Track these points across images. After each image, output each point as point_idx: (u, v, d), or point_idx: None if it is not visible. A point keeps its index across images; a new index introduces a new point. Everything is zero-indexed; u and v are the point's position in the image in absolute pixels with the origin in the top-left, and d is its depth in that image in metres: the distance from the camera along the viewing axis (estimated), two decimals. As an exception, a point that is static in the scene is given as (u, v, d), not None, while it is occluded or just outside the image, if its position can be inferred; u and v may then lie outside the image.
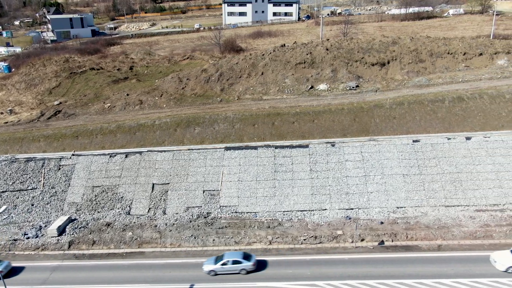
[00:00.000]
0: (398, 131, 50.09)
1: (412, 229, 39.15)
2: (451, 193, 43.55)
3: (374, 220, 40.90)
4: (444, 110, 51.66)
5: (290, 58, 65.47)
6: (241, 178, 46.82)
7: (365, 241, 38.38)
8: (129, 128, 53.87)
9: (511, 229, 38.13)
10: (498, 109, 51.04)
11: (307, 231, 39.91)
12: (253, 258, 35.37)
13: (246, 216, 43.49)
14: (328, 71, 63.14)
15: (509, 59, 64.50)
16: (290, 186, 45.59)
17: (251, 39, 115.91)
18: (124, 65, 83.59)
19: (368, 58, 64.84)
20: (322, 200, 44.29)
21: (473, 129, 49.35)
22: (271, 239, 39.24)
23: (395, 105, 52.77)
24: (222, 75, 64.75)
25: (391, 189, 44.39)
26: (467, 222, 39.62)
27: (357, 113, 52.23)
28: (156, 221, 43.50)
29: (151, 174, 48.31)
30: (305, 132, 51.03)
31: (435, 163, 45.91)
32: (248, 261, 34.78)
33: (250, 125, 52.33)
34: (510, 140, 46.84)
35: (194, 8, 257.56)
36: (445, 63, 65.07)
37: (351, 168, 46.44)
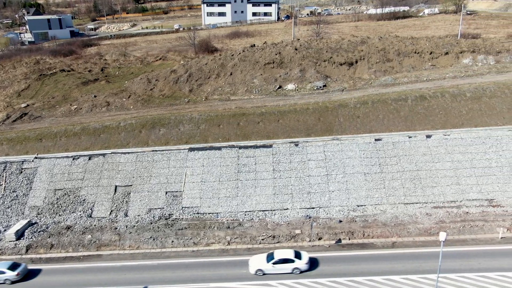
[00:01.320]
0: (362, 130, 50.56)
1: (369, 227, 39.55)
2: (410, 190, 44.11)
3: (333, 219, 41.23)
4: (407, 108, 52.30)
5: (259, 58, 65.61)
6: (204, 178, 46.78)
7: (323, 239, 38.67)
8: (94, 130, 53.41)
9: (464, 225, 38.76)
10: (459, 107, 51.84)
11: (266, 231, 40.06)
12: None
13: (208, 217, 43.48)
14: (296, 71, 63.44)
15: (474, 58, 65.59)
16: (253, 186, 45.69)
17: (228, 39, 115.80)
18: (96, 67, 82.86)
19: (336, 58, 65.32)
20: (284, 199, 44.48)
21: (434, 127, 50.05)
22: (230, 240, 39.29)
23: (359, 104, 53.26)
24: (191, 76, 64.62)
25: (352, 188, 44.79)
26: (423, 219, 40.18)
27: (321, 113, 52.58)
28: (117, 223, 43.23)
29: (114, 176, 47.98)
30: (270, 132, 51.19)
31: (395, 161, 46.46)
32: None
33: (215, 126, 52.31)
34: (468, 138, 47.60)
35: (176, 9, 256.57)
36: (412, 62, 65.90)
37: (313, 167, 46.73)
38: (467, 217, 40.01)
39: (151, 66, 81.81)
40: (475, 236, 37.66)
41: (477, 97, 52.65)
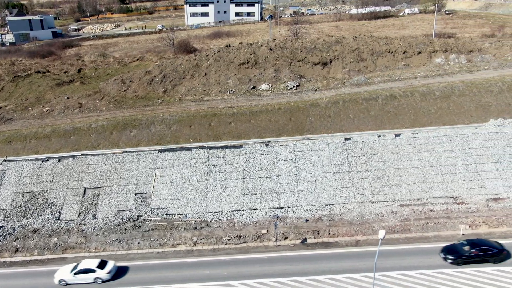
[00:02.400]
0: (332, 130, 50.93)
1: (335, 226, 39.85)
2: (378, 189, 44.51)
3: (300, 218, 41.46)
4: (377, 108, 52.80)
5: (233, 58, 65.65)
6: (173, 180, 46.68)
7: (289, 239, 38.86)
8: (64, 132, 52.96)
9: (428, 222, 39.26)
10: (428, 106, 52.48)
11: (233, 231, 40.12)
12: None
13: (177, 218, 43.38)
14: (271, 71, 63.62)
15: (446, 57, 66.45)
16: (222, 187, 45.71)
17: (209, 40, 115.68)
18: (72, 68, 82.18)
19: (311, 58, 65.65)
20: (253, 199, 44.57)
21: (403, 126, 50.62)
22: (196, 241, 39.28)
23: (331, 104, 53.60)
24: (166, 77, 64.41)
25: (321, 187, 45.05)
26: (388, 217, 40.60)
27: (293, 113, 52.81)
28: (85, 225, 42.92)
29: (83, 178, 47.61)
30: (241, 132, 51.28)
31: (364, 160, 46.84)
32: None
33: (187, 127, 52.24)
34: (436, 136, 48.19)
35: (161, 9, 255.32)
36: (386, 62, 66.52)
37: (283, 167, 46.90)
38: (431, 215, 40.54)
39: (128, 67, 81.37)
40: (438, 233, 38.16)
41: (446, 96, 53.36)
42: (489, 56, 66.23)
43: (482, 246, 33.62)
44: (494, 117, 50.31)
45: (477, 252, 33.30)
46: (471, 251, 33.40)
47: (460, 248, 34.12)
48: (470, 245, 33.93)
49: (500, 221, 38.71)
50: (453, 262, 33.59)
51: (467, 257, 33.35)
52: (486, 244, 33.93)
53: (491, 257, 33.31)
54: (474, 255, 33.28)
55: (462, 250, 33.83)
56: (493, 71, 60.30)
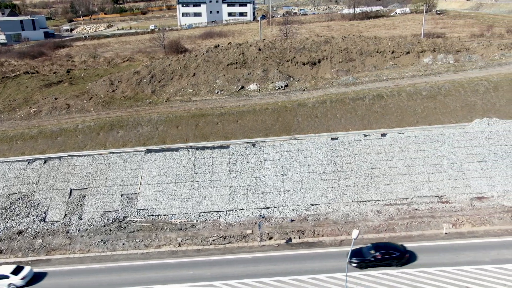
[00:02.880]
0: (319, 130, 51.07)
1: (320, 226, 39.93)
2: (364, 188, 44.66)
3: (285, 218, 41.51)
4: (364, 107, 52.99)
5: (222, 58, 65.64)
6: (160, 180, 46.61)
7: (273, 239, 38.89)
8: (51, 133, 52.75)
9: (412, 221, 39.44)
10: (414, 106, 52.74)
11: (218, 232, 40.11)
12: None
13: (162, 218, 43.31)
14: (259, 71, 63.68)
15: (434, 57, 66.81)
16: (209, 187, 45.69)
17: (200, 40, 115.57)
18: (62, 68, 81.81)
19: (299, 58, 65.77)
20: (239, 200, 44.58)
21: (389, 126, 50.85)
22: (181, 241, 39.24)
23: (318, 103, 53.73)
24: (154, 77, 64.30)
25: (307, 187, 45.13)
26: (373, 217, 40.74)
27: (280, 113, 52.88)
28: (70, 227, 42.74)
29: (69, 180, 47.43)
30: (228, 132, 51.31)
31: (351, 160, 46.97)
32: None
33: (174, 127, 52.19)
34: (422, 136, 48.40)
35: (155, 9, 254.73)
36: (374, 62, 66.78)
37: (269, 167, 46.94)
38: (416, 214, 40.73)
39: (118, 67, 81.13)
40: (422, 232, 38.34)
41: (433, 95, 53.65)
42: (476, 55, 66.66)
43: (385, 250, 33.67)
44: (479, 116, 50.64)
45: (379, 256, 33.37)
46: (374, 254, 33.51)
47: (364, 251, 34.21)
48: (374, 248, 34.06)
49: (483, 220, 38.93)
50: (356, 265, 33.67)
51: (369, 261, 33.46)
52: (389, 248, 33.96)
53: (394, 260, 33.33)
54: (377, 258, 33.36)
55: (365, 254, 33.94)
56: (480, 70, 60.68)
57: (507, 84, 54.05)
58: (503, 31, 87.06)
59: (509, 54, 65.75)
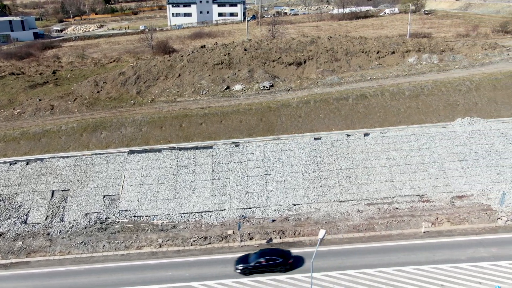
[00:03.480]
0: (303, 130, 51.22)
1: (301, 226, 40.06)
2: (346, 188, 44.87)
3: (267, 218, 41.60)
4: (348, 107, 53.22)
5: (208, 59, 65.63)
6: (142, 181, 46.50)
7: (254, 239, 38.96)
8: (34, 134, 52.45)
9: (392, 220, 39.69)
10: (397, 106, 53.07)
11: (199, 232, 40.12)
12: None
13: (144, 219, 43.22)
14: (245, 71, 63.73)
15: (419, 57, 67.24)
16: (191, 188, 45.66)
17: (189, 40, 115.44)
18: (48, 69, 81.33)
19: (285, 58, 65.92)
20: (222, 200, 44.60)
21: (373, 126, 51.13)
22: (161, 242, 39.19)
23: (302, 104, 53.87)
24: (140, 78, 64.15)
25: (289, 187, 45.24)
26: (354, 216, 40.94)
27: (264, 113, 52.98)
28: (51, 229, 42.51)
29: (51, 181, 47.17)
30: (212, 133, 51.31)
31: (333, 159, 47.15)
32: None
33: (158, 128, 52.11)
34: (404, 135, 48.72)
35: (146, 9, 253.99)
36: (360, 62, 67.09)
37: (252, 167, 47.00)
38: (396, 213, 40.99)
39: (105, 68, 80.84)
40: (401, 231, 38.60)
41: (415, 95, 54.01)
42: (460, 55, 67.18)
43: (269, 256, 33.81)
44: (461, 115, 51.07)
45: (263, 262, 33.55)
46: (258, 260, 33.63)
47: (250, 258, 34.28)
48: (260, 255, 34.19)
49: (462, 219, 39.28)
50: (241, 272, 33.75)
51: (252, 267, 33.60)
52: (274, 254, 34.10)
53: (277, 267, 33.47)
54: (260, 265, 33.50)
55: (250, 260, 34.06)
56: (463, 70, 61.17)
57: (488, 84, 54.54)
58: (488, 31, 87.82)
59: (493, 54, 66.35)
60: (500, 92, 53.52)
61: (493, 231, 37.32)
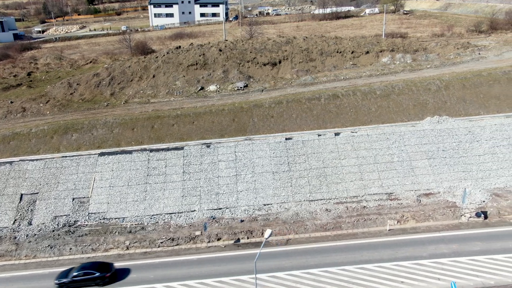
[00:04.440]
0: (275, 130, 51.42)
1: (269, 225, 40.22)
2: (316, 187, 45.20)
3: (236, 219, 41.70)
4: (320, 107, 53.58)
5: (183, 60, 65.48)
6: (112, 183, 46.25)
7: (222, 240, 39.04)
8: (3, 137, 51.74)
9: (359, 219, 40.09)
10: (369, 105, 53.59)
11: (167, 234, 40.06)
12: None
13: (114, 222, 43.00)
14: (219, 72, 63.75)
15: (393, 57, 67.99)
16: (162, 189, 45.57)
17: (170, 41, 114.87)
18: (23, 71, 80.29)
19: (260, 58, 66.09)
20: (192, 201, 44.59)
21: (344, 125, 51.56)
22: (129, 244, 39.03)
23: (274, 104, 54.10)
24: (114, 79, 63.73)
25: (260, 187, 45.42)
26: (322, 215, 41.26)
27: (236, 113, 53.06)
28: (19, 232, 42.06)
29: (20, 184, 46.65)
30: (183, 134, 51.23)
31: (304, 159, 47.47)
32: None
33: (129, 129, 51.85)
34: (374, 134, 49.27)
35: (129, 10, 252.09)
36: (334, 62, 67.57)
37: (223, 168, 47.09)
38: (364, 211, 41.43)
39: (81, 69, 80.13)
40: (367, 229, 39.02)
41: (386, 94, 54.60)
42: (433, 55, 68.10)
43: (86, 270, 33.69)
44: (430, 114, 51.79)
45: (79, 277, 33.41)
46: (73, 275, 33.50)
47: (70, 272, 33.99)
48: (79, 268, 34.00)
49: (427, 216, 39.88)
50: (59, 287, 33.50)
51: (69, 282, 33.37)
52: (92, 267, 33.88)
53: (94, 280, 33.35)
54: (75, 279, 33.36)
55: (67, 274, 33.83)
56: (434, 69, 62.04)
57: (458, 83, 55.40)
58: (463, 31, 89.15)
59: (464, 54, 67.40)
60: (468, 91, 54.40)
61: (456, 227, 37.96)
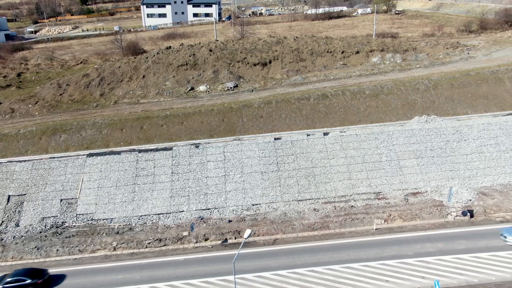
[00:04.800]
0: (264, 130, 51.44)
1: (257, 225, 40.27)
2: (304, 187, 45.28)
3: (224, 219, 41.70)
4: (309, 107, 53.67)
5: (173, 60, 65.38)
6: (101, 184, 46.10)
7: (209, 240, 39.03)
8: (-9, 138, 51.46)
9: (346, 218, 40.21)
10: (358, 105, 53.75)
11: (155, 235, 39.99)
12: None
13: (102, 223, 42.88)
14: (210, 72, 63.71)
15: (383, 57, 68.23)
16: (150, 190, 45.48)
17: (162, 41, 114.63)
18: (13, 72, 79.83)
19: (250, 58, 66.11)
20: (180, 202, 44.54)
21: (333, 125, 51.66)
22: (116, 245, 38.92)
23: (264, 104, 54.12)
24: (103, 80, 63.52)
25: (248, 187, 45.44)
26: (309, 215, 41.34)
27: (226, 113, 53.05)
28: (6, 234, 41.83)
29: (7, 186, 46.41)
30: (173, 134, 51.14)
31: (293, 159, 47.54)
32: None
33: (118, 130, 51.69)
34: (363, 134, 49.43)
35: (123, 10, 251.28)
36: (325, 62, 67.72)
37: (212, 168, 47.07)
38: (351, 211, 41.55)
39: (72, 70, 79.79)
40: (354, 229, 39.14)
41: (375, 94, 54.79)
42: (423, 55, 68.41)
43: (18, 277, 33.48)
44: (419, 114, 52.01)
45: (11, 284, 33.21)
46: (5, 281, 33.36)
47: (3, 279, 33.85)
48: (13, 275, 33.81)
49: (414, 215, 40.06)
50: None
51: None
52: (25, 274, 33.68)
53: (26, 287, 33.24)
54: (7, 286, 33.15)
55: (0, 281, 33.63)
56: (423, 69, 62.32)
57: (446, 82, 55.69)
58: (453, 31, 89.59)
59: (453, 53, 67.77)
60: (457, 91, 54.70)
61: (442, 226, 38.17)
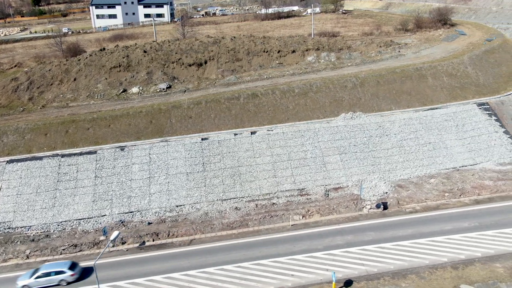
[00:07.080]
0: (192, 130, 51.36)
1: (176, 227, 40.19)
2: (230, 186, 45.53)
3: (144, 222, 41.37)
4: (238, 107, 54.00)
5: (106, 62, 64.22)
6: (20, 191, 44.68)
7: (127, 243, 38.61)
8: None
9: (266, 216, 40.75)
10: (287, 103, 54.56)
11: (72, 240, 39.17)
12: None
13: (19, 231, 41.56)
14: (143, 73, 63.00)
15: (318, 55, 69.55)
16: (72, 195, 44.48)
17: (108, 42, 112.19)
18: None
19: (185, 59, 65.84)
20: (103, 206, 43.79)
21: (261, 124, 52.21)
22: (29, 253, 37.87)
23: (193, 104, 54.02)
24: (33, 83, 61.61)
25: (173, 189, 45.25)
26: (230, 214, 41.62)
27: (154, 115, 52.58)
28: None
29: None
30: (99, 137, 50.22)
31: (219, 159, 47.72)
32: None
33: (42, 135, 50.25)
34: (289, 132, 50.25)
35: (76, 11, 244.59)
36: (261, 61, 68.35)
37: (137, 171, 46.57)
38: (272, 208, 42.15)
39: (5, 74, 76.84)
40: (272, 226, 39.72)
41: (304, 92, 55.77)
42: (356, 53, 70.23)
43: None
44: (345, 111, 53.39)
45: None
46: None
47: None
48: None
49: (331, 209, 41.09)
50: None
51: None
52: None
53: None
54: None
55: None
56: (355, 67, 63.99)
57: (373, 80, 57.41)
58: (391, 30, 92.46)
59: (385, 52, 69.94)
60: (382, 87, 56.49)
61: (355, 219, 39.33)
